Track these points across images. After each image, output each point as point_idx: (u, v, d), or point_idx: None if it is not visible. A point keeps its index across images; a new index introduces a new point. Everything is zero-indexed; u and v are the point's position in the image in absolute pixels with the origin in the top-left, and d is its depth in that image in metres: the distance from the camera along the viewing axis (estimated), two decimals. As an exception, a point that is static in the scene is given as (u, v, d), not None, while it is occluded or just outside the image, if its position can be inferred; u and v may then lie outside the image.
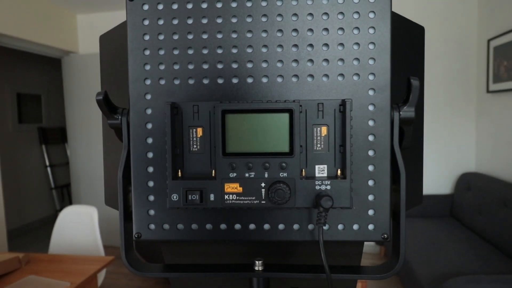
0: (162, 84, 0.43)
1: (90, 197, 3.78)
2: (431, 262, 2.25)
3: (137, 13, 0.43)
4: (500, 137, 2.79)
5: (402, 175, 0.42)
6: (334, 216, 0.43)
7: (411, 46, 0.50)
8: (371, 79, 0.42)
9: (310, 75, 0.42)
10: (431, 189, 3.18)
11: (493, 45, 2.82)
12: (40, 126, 4.94)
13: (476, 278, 1.77)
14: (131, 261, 0.45)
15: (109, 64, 0.53)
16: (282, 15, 0.42)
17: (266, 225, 0.43)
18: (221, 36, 0.42)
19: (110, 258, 1.83)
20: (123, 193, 0.44)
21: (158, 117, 0.43)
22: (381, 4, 0.41)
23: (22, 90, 4.69)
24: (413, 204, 0.51)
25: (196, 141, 0.43)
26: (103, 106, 0.42)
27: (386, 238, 0.43)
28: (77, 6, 3.60)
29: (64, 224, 2.27)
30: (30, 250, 3.85)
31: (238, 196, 0.42)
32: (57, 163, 5.11)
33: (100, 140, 3.35)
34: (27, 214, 4.69)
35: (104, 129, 0.53)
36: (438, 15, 3.12)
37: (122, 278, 3.05)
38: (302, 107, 0.42)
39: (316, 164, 0.43)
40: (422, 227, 2.82)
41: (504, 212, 2.39)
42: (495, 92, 2.80)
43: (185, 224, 0.44)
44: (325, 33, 0.42)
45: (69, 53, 3.80)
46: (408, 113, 0.42)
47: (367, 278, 0.44)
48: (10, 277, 1.63)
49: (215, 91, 0.43)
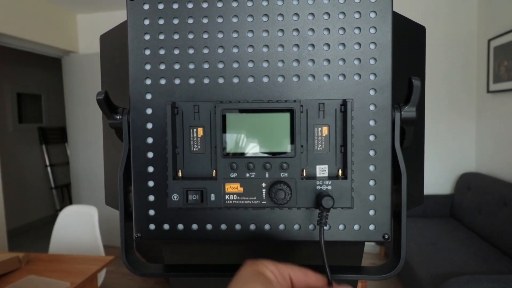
0: (163, 83, 0.43)
1: (90, 197, 3.78)
2: (431, 262, 2.25)
3: (137, 13, 0.43)
4: (500, 137, 2.79)
5: (403, 175, 0.42)
6: (335, 216, 0.43)
7: (412, 46, 0.50)
8: (372, 79, 0.42)
9: (311, 75, 0.42)
10: (431, 189, 3.19)
11: (493, 45, 2.82)
12: (40, 126, 4.94)
13: (476, 278, 1.77)
14: (131, 261, 0.45)
15: (109, 64, 0.53)
16: (283, 15, 0.42)
17: (266, 225, 0.43)
18: (222, 35, 0.42)
19: (110, 258, 1.83)
20: (123, 193, 0.44)
21: (158, 117, 0.43)
22: (382, 4, 0.41)
23: (22, 90, 4.68)
24: (414, 204, 0.51)
25: (197, 141, 0.43)
26: (104, 106, 0.42)
27: (387, 239, 0.43)
28: (77, 6, 3.60)
29: (64, 224, 2.27)
30: (30, 250, 3.85)
31: (239, 196, 0.42)
32: (57, 163, 5.11)
33: (100, 140, 3.35)
34: (27, 214, 4.69)
35: (104, 129, 0.53)
36: (438, 15, 3.12)
37: (122, 278, 3.05)
38: (303, 107, 0.42)
39: (317, 164, 0.43)
40: (422, 227, 2.82)
41: (504, 212, 2.39)
42: (495, 92, 2.80)
43: (185, 224, 0.44)
44: (326, 33, 0.42)
45: (69, 53, 3.80)
46: (409, 113, 0.42)
47: (368, 278, 0.44)
48: (10, 277, 1.63)
49: (216, 91, 0.43)
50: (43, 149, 4.95)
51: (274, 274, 0.35)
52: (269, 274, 0.34)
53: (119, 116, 0.43)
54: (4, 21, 2.93)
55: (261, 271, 0.34)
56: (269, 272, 0.34)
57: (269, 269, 0.34)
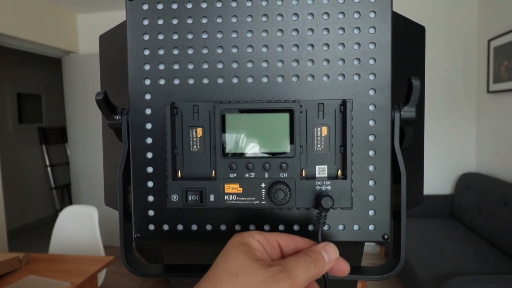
0: (162, 84, 0.43)
1: (90, 197, 3.78)
2: (431, 262, 2.25)
3: (136, 13, 0.43)
4: (500, 137, 2.79)
5: (402, 175, 0.41)
6: (334, 217, 0.43)
7: (411, 46, 0.49)
8: (371, 79, 0.41)
9: (311, 75, 0.42)
10: (431, 189, 3.18)
11: (493, 45, 2.82)
12: (40, 126, 4.94)
13: (476, 278, 1.77)
14: (131, 262, 0.45)
15: (108, 64, 0.53)
16: (282, 15, 0.42)
17: (266, 226, 0.43)
18: (221, 36, 0.42)
19: (110, 258, 1.83)
20: (123, 194, 0.44)
21: (157, 117, 0.43)
22: (381, 3, 0.41)
23: (22, 90, 4.69)
24: (414, 204, 0.51)
25: (196, 141, 0.43)
26: (103, 106, 0.42)
27: (386, 239, 0.42)
28: (77, 6, 3.60)
29: (64, 224, 2.27)
30: (30, 250, 3.85)
31: (238, 196, 0.42)
32: (57, 163, 5.11)
33: (100, 140, 3.35)
34: (28, 214, 4.69)
35: (103, 129, 0.53)
36: (438, 15, 3.11)
37: (122, 278, 3.05)
38: (303, 107, 0.42)
39: (317, 164, 0.42)
40: (422, 227, 2.82)
41: (504, 212, 2.39)
42: (495, 92, 2.80)
43: (185, 225, 0.44)
44: (325, 33, 0.42)
45: (69, 53, 3.80)
46: (409, 113, 0.42)
47: (368, 278, 0.44)
48: (10, 277, 1.63)
49: (215, 91, 0.43)
50: (43, 149, 4.95)
51: (261, 242, 0.35)
52: (253, 243, 0.35)
53: (118, 117, 0.43)
54: (4, 21, 2.93)
55: (245, 241, 0.35)
56: (254, 241, 0.35)
57: (255, 238, 0.35)
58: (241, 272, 0.31)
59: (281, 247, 0.37)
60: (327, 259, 0.35)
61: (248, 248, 0.34)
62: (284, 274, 0.31)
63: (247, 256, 0.33)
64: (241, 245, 0.34)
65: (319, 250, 0.35)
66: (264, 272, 0.31)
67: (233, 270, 0.32)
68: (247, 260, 0.32)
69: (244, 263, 0.32)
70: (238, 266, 0.32)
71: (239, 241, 0.35)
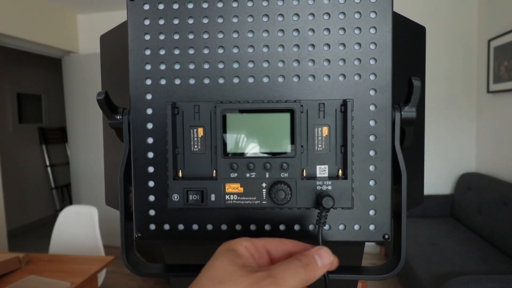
0: (163, 84, 0.43)
1: (90, 197, 3.78)
2: (431, 262, 2.25)
3: (137, 13, 0.43)
4: (500, 137, 2.79)
5: (403, 175, 0.42)
6: (335, 217, 0.43)
7: (412, 46, 0.50)
8: (372, 79, 0.42)
9: (311, 75, 0.42)
10: (431, 189, 3.19)
11: (493, 45, 2.82)
12: (40, 126, 4.94)
13: (476, 278, 1.77)
14: (132, 261, 0.45)
15: (109, 64, 0.53)
16: (283, 15, 0.42)
17: (267, 226, 0.43)
18: (222, 36, 0.42)
19: (110, 258, 1.83)
20: (124, 193, 0.44)
21: (158, 117, 0.43)
22: (382, 4, 0.41)
23: (22, 90, 4.69)
24: (414, 204, 0.51)
25: (197, 141, 0.43)
26: (104, 106, 0.42)
27: (387, 239, 0.43)
28: (77, 6, 3.61)
29: (65, 224, 2.27)
30: (31, 250, 3.85)
31: (239, 196, 0.42)
32: (57, 163, 5.11)
33: (100, 140, 3.35)
34: (28, 214, 4.69)
35: (104, 129, 0.53)
36: (438, 15, 3.12)
37: (122, 278, 3.05)
38: (303, 107, 0.42)
39: (317, 164, 0.43)
40: (422, 227, 2.82)
41: (504, 212, 2.39)
42: (495, 92, 2.80)
43: (186, 225, 0.44)
44: (326, 33, 0.42)
45: (69, 53, 3.80)
46: (409, 113, 0.42)
47: (368, 278, 0.44)
48: (10, 277, 1.63)
49: (216, 91, 0.43)
50: (43, 149, 4.95)
51: (249, 249, 0.35)
52: (241, 249, 0.35)
53: (119, 116, 0.43)
54: (4, 21, 2.93)
55: (232, 248, 0.35)
56: (242, 248, 0.35)
57: (243, 245, 0.35)
58: (225, 279, 0.31)
59: (271, 253, 0.36)
60: (320, 263, 0.34)
61: (234, 255, 0.34)
62: (270, 279, 0.30)
63: (232, 263, 0.32)
64: (227, 252, 0.34)
65: (312, 254, 0.34)
66: (248, 279, 0.31)
67: (217, 277, 0.31)
68: (232, 267, 0.32)
69: (228, 270, 0.32)
70: (223, 273, 0.32)
71: (226, 248, 0.35)
